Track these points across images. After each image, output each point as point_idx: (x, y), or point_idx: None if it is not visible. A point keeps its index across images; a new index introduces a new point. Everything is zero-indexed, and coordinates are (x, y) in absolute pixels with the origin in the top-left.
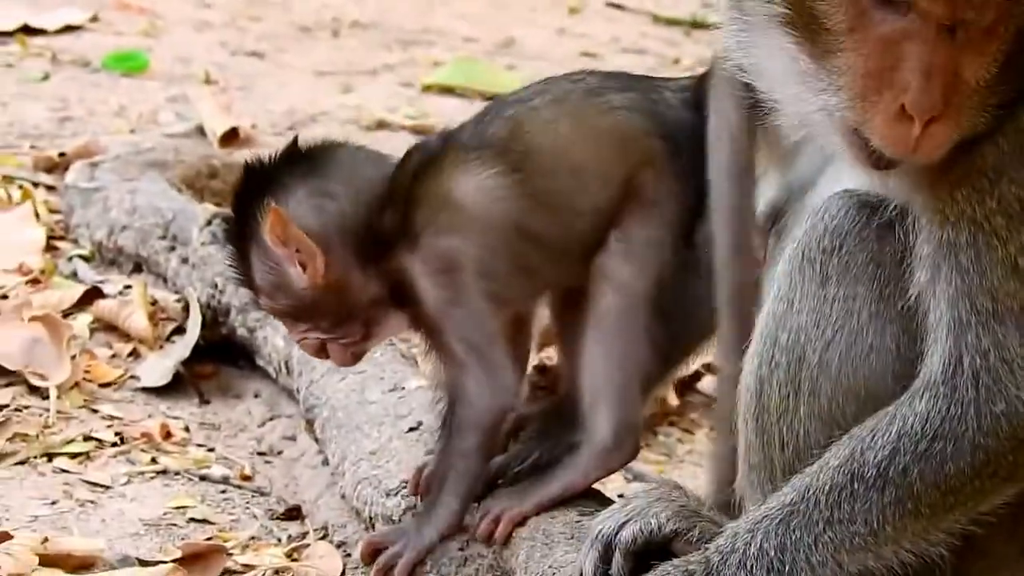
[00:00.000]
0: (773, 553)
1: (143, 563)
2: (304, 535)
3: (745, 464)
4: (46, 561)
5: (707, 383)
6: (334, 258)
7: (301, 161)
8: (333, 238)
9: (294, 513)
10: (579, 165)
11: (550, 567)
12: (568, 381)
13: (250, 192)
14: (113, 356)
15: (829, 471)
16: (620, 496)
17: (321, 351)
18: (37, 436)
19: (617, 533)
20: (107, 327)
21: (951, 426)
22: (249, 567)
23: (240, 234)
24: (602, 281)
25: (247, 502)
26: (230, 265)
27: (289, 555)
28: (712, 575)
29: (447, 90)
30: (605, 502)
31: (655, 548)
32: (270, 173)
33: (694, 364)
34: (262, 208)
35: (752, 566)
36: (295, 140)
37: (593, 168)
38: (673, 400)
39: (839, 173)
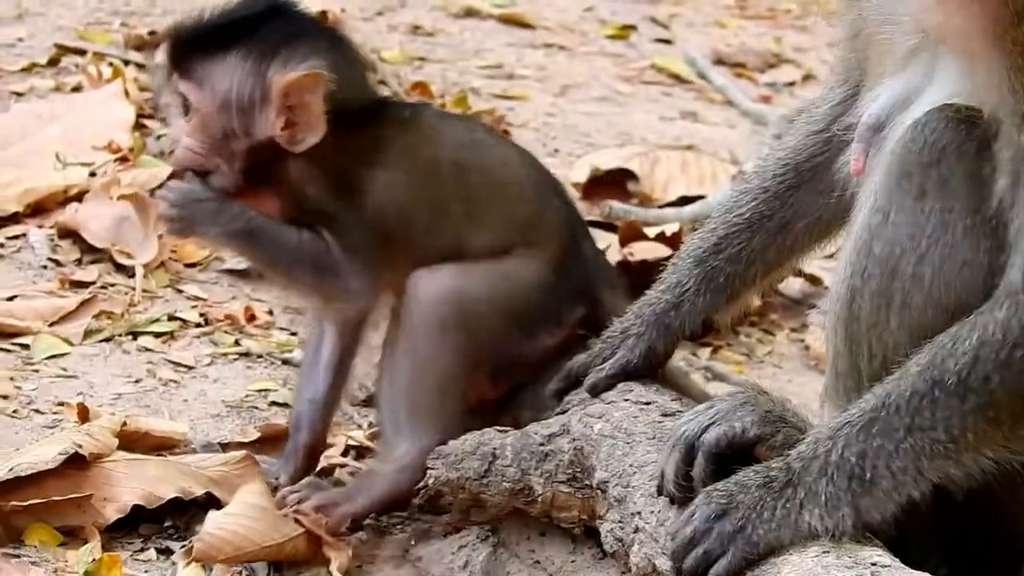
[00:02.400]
0: (854, 460)
1: (224, 447)
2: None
3: (832, 371)
4: (125, 441)
5: (790, 285)
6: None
7: (341, 37)
8: (336, 113)
9: (374, 400)
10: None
11: (631, 465)
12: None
13: (288, 23)
14: None
15: (910, 378)
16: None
17: (193, 171)
18: (122, 314)
19: (701, 435)
20: None
21: None
22: (328, 445)
23: (233, 46)
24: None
25: None
26: (178, 48)
27: (371, 438)
28: (793, 482)
29: None
30: (689, 404)
31: (737, 452)
32: (315, 25)
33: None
34: (296, 54)
35: (833, 473)
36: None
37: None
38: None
39: (944, 85)
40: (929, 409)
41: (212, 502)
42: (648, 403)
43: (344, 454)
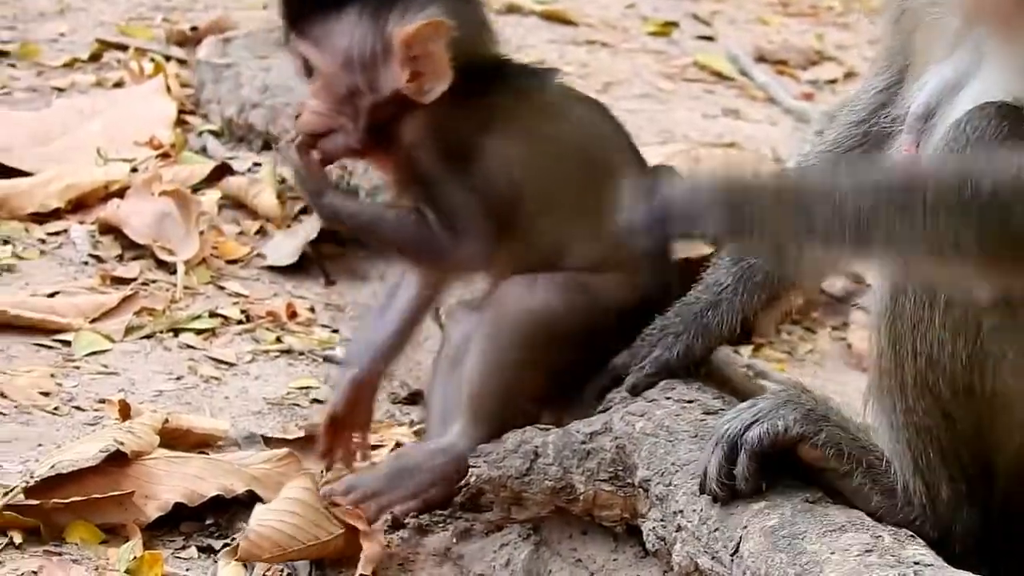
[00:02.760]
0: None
1: (267, 440)
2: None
3: (876, 370)
4: (166, 438)
5: (832, 282)
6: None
7: None
8: (456, 72)
9: (416, 397)
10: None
11: (673, 464)
12: None
13: None
14: (240, 233)
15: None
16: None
17: (318, 131)
18: (164, 311)
19: (743, 433)
20: (235, 204)
21: None
22: (374, 447)
23: (348, 1)
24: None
25: None
26: (293, 8)
27: (416, 436)
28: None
29: None
30: (731, 402)
31: (780, 450)
32: None
33: None
34: (414, 4)
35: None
36: None
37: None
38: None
39: (991, 70)
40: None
41: (254, 500)
42: (690, 401)
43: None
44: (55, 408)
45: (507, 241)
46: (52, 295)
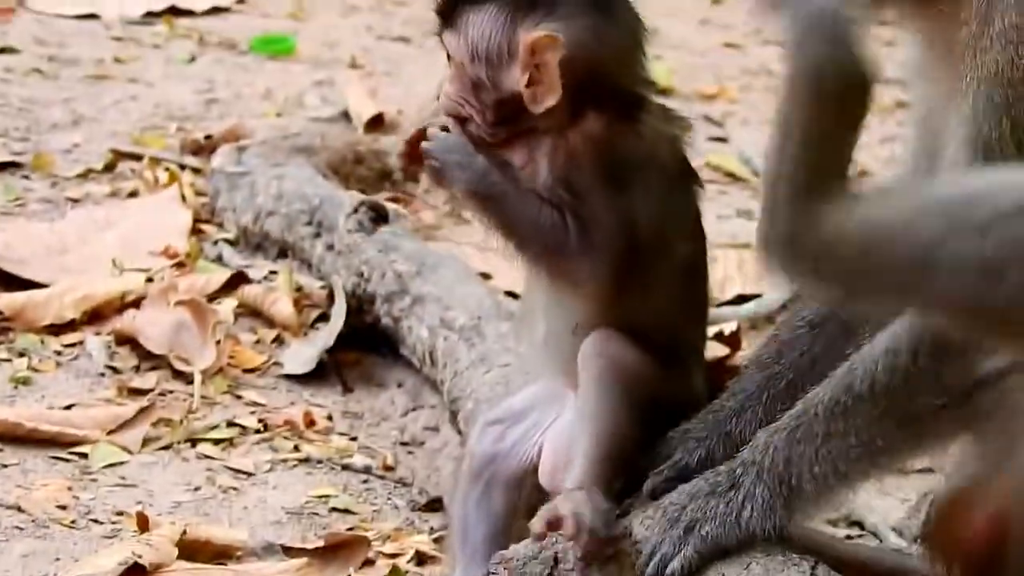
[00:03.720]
0: (782, 466)
1: (287, 550)
2: (446, 527)
3: None
4: (185, 550)
5: None
6: (562, 98)
7: (621, 11)
8: (576, 82)
9: (436, 504)
10: None
11: None
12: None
13: None
14: (257, 342)
15: (831, 384)
16: None
17: (459, 119)
18: (181, 421)
19: None
20: (252, 312)
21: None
22: (393, 555)
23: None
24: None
25: (389, 492)
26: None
27: (436, 543)
28: (736, 486)
29: None
30: None
31: None
32: None
33: None
34: (554, 13)
35: (765, 478)
36: None
37: None
38: None
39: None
40: (843, 415)
41: None
42: None
43: (409, 561)
44: (72, 521)
45: (623, 280)
46: (69, 407)
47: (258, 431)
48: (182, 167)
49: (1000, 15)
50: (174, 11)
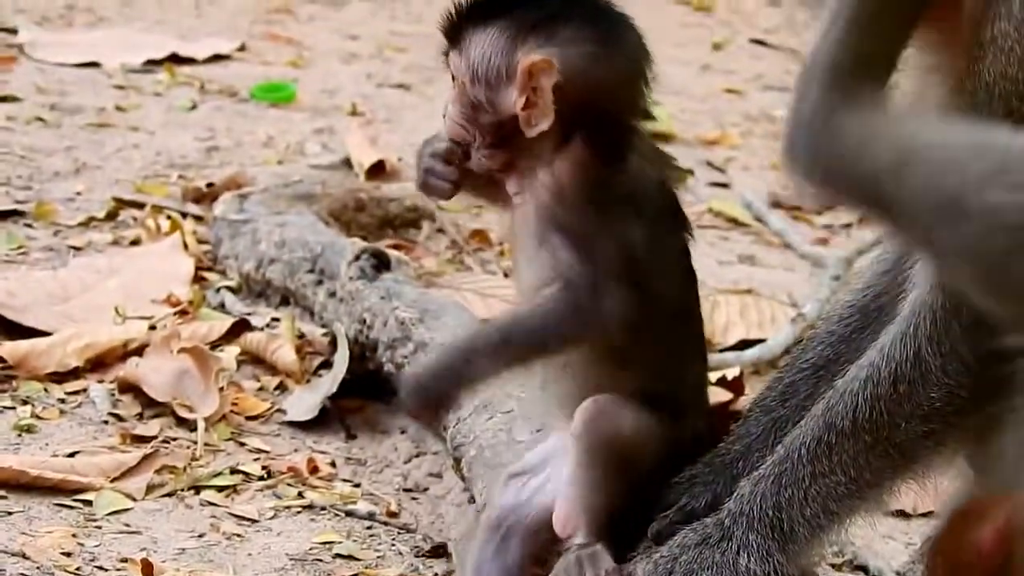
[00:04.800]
0: (772, 513)
1: None
2: (450, 573)
3: None
4: None
5: None
6: (555, 124)
7: (601, 17)
8: (569, 109)
9: (440, 551)
10: None
11: None
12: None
13: (574, 4)
14: (260, 389)
15: (811, 423)
16: None
17: (462, 138)
18: (185, 468)
19: None
20: (254, 360)
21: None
22: None
23: (499, 17)
24: None
25: (393, 539)
26: (451, 17)
27: None
28: (727, 537)
29: None
30: None
31: None
32: (608, 17)
33: None
34: (554, 37)
35: (757, 526)
36: None
37: None
38: None
39: None
40: (827, 455)
41: None
42: None
43: None
44: (77, 568)
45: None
46: (73, 455)
47: (262, 478)
48: (184, 215)
49: (992, 23)
50: (175, 59)
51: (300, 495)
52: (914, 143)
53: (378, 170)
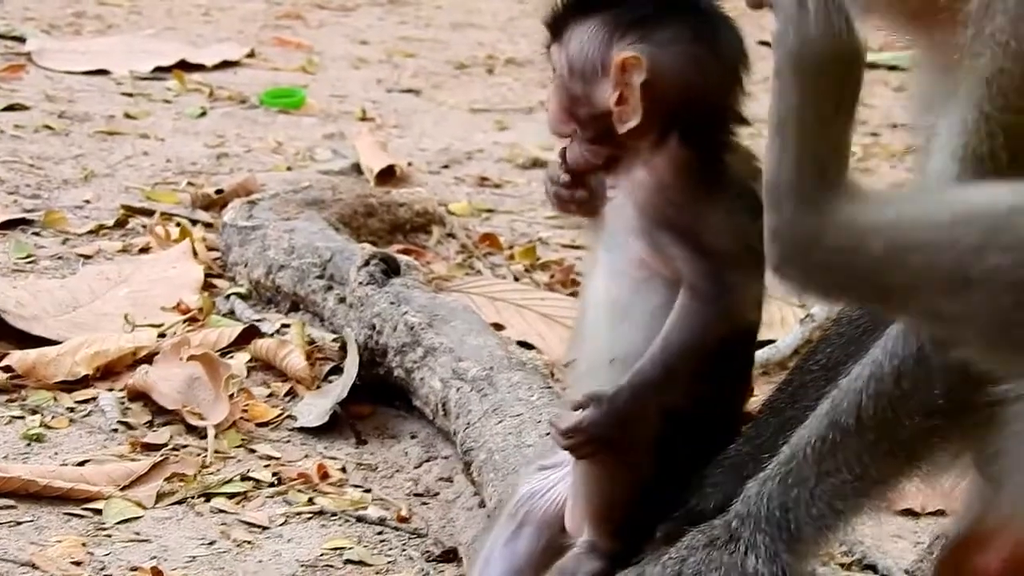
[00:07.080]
0: (779, 514)
1: None
2: None
3: None
4: None
5: None
6: (650, 121)
7: (701, 19)
8: (660, 107)
9: (451, 555)
10: None
11: None
12: None
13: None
14: (270, 395)
15: (816, 422)
16: None
17: (556, 132)
18: (195, 476)
19: None
20: (264, 366)
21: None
22: None
23: (602, 11)
24: None
25: (404, 544)
26: (557, 10)
27: None
28: (734, 538)
29: None
30: None
31: None
32: (709, 15)
33: None
34: (652, 34)
35: (764, 527)
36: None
37: None
38: None
39: None
40: (832, 453)
41: None
42: None
43: None
44: None
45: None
46: (82, 463)
47: (272, 484)
48: (193, 222)
49: (990, 21)
50: (184, 66)
51: (310, 501)
52: (900, 230)
53: (388, 175)
